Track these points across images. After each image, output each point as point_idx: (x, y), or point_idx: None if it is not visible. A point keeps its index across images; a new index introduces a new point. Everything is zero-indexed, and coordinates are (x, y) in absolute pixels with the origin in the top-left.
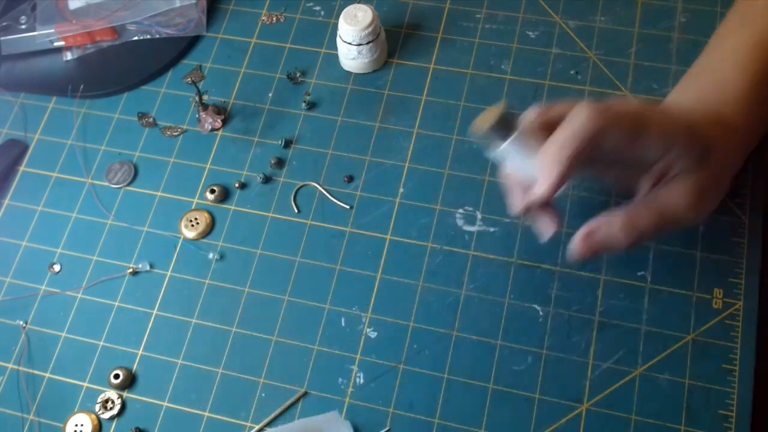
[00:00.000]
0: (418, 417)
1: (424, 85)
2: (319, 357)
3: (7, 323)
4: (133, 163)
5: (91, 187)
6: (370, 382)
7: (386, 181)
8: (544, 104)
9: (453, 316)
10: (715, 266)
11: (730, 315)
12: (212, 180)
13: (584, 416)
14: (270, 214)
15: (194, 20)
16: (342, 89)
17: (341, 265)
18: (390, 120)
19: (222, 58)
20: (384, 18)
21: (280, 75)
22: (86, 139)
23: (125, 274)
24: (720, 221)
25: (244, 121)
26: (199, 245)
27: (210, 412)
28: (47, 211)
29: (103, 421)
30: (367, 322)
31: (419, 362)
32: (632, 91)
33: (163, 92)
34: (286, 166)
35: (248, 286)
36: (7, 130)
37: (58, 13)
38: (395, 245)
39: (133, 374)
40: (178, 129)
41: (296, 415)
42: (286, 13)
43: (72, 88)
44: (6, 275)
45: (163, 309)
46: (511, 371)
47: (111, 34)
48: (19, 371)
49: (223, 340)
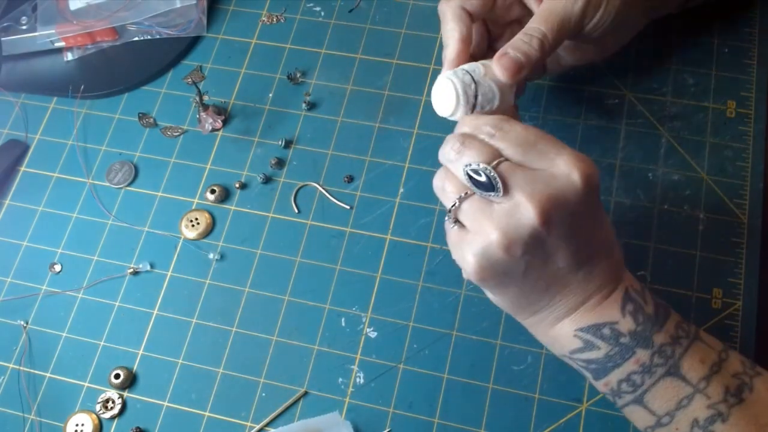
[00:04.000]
0: (418, 417)
1: (424, 85)
2: (319, 357)
3: (8, 323)
4: (134, 164)
5: (92, 188)
6: (370, 382)
7: (386, 181)
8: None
9: (453, 316)
10: (714, 266)
11: (730, 315)
12: (212, 180)
13: (584, 416)
14: (270, 215)
15: (194, 21)
16: (342, 89)
17: (341, 265)
18: (390, 120)
19: (222, 59)
20: (384, 18)
21: (280, 75)
22: (87, 140)
23: (126, 274)
24: (720, 221)
25: (244, 121)
26: (199, 245)
27: (210, 411)
28: (48, 212)
29: (103, 420)
30: (367, 322)
31: (419, 362)
32: (632, 90)
33: (164, 93)
34: (287, 166)
35: (248, 286)
36: (8, 131)
37: (58, 14)
38: (395, 245)
39: (134, 374)
40: (178, 129)
41: (296, 414)
42: (286, 14)
43: (73, 88)
44: (7, 275)
45: (163, 309)
46: (510, 371)
47: (111, 35)
48: (20, 371)
49: (224, 340)
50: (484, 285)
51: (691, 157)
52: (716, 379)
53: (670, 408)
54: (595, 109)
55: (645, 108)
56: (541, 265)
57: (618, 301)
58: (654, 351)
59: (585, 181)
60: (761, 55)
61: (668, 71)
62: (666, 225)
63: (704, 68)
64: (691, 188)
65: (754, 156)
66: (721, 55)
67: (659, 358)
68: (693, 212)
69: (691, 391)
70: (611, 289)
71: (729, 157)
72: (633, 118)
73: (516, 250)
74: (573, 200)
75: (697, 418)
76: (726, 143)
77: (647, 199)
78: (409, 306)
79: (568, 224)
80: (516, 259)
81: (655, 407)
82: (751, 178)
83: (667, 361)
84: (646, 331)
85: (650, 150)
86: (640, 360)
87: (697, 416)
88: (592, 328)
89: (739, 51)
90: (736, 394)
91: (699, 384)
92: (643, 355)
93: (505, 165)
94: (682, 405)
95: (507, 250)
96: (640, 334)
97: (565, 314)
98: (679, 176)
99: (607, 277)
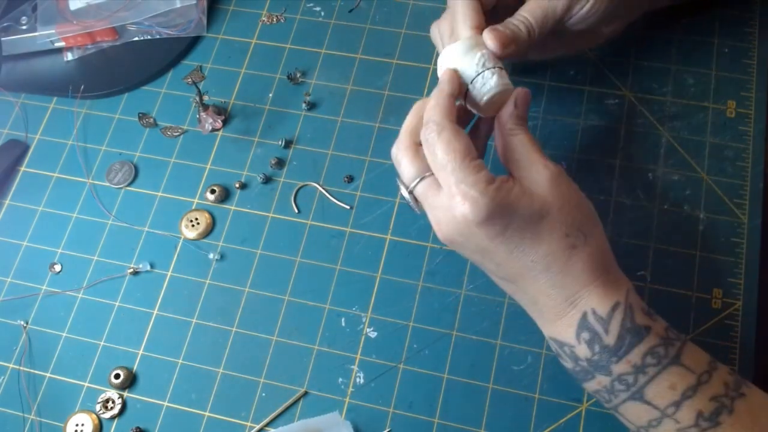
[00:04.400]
0: (418, 417)
1: (424, 85)
2: (319, 357)
3: (8, 323)
4: (134, 164)
5: (92, 188)
6: (370, 382)
7: (386, 181)
8: None
9: (453, 316)
10: (714, 266)
11: (730, 315)
12: (212, 180)
13: (584, 416)
14: (270, 214)
15: (194, 21)
16: (342, 89)
17: (341, 265)
18: (390, 120)
19: (222, 59)
20: (384, 18)
21: (280, 75)
22: (87, 140)
23: (126, 274)
24: (720, 221)
25: (244, 121)
26: (199, 245)
27: (210, 411)
28: (48, 212)
29: (103, 420)
30: (367, 322)
31: (419, 362)
32: (632, 90)
33: (164, 93)
34: (287, 166)
35: (248, 286)
36: (8, 131)
37: (58, 14)
38: (395, 245)
39: (134, 374)
40: (178, 129)
41: (296, 414)
42: (286, 14)
43: (73, 88)
44: (7, 275)
45: (163, 309)
46: (510, 371)
47: (111, 35)
48: (20, 371)
49: (224, 340)
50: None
51: (691, 157)
52: (688, 405)
53: (641, 423)
54: (595, 109)
55: (645, 108)
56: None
57: (573, 327)
58: (613, 378)
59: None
60: (761, 55)
61: (668, 71)
62: (666, 225)
63: (704, 68)
64: (691, 188)
65: (754, 156)
66: (721, 55)
67: (620, 384)
68: (693, 212)
69: (658, 414)
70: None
71: (729, 157)
72: (633, 118)
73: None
74: (465, 230)
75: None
76: (726, 143)
77: (647, 199)
78: (409, 306)
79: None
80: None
81: (629, 419)
82: (751, 178)
83: (628, 388)
84: (602, 361)
85: (650, 150)
86: (601, 383)
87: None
88: (555, 341)
89: (739, 51)
90: (711, 419)
91: (667, 409)
92: (603, 379)
93: (420, 187)
94: (651, 425)
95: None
96: (597, 363)
97: (536, 316)
98: (679, 176)
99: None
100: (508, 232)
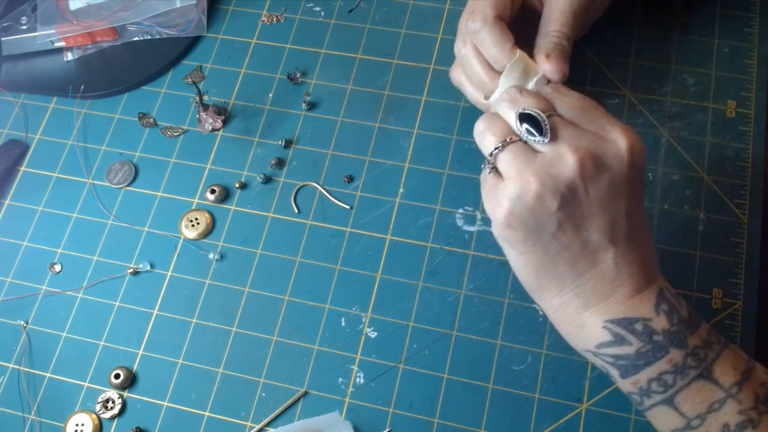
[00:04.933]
0: (418, 417)
1: (424, 85)
2: (319, 357)
3: (8, 323)
4: (134, 164)
5: (92, 188)
6: (370, 382)
7: (386, 181)
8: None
9: (453, 316)
10: (714, 266)
11: (730, 315)
12: (212, 180)
13: (584, 416)
14: (270, 214)
15: (194, 21)
16: (342, 89)
17: (341, 265)
18: (390, 120)
19: (222, 59)
20: (384, 18)
21: (280, 75)
22: (87, 140)
23: (126, 274)
24: (720, 221)
25: (244, 121)
26: (199, 245)
27: (210, 411)
28: (48, 211)
29: (103, 420)
30: (367, 322)
31: (419, 362)
32: (632, 90)
33: (164, 92)
34: (287, 166)
35: (248, 286)
36: (8, 131)
37: (58, 14)
38: (395, 245)
39: (134, 374)
40: (178, 129)
41: (296, 415)
42: (286, 14)
43: (73, 88)
44: (7, 275)
45: (163, 309)
46: (510, 371)
47: (111, 35)
48: (20, 371)
49: (224, 340)
50: (511, 236)
51: (691, 157)
52: (747, 386)
53: (701, 411)
54: None
55: (645, 108)
56: (573, 229)
57: (651, 300)
58: (688, 353)
59: (630, 151)
60: (761, 55)
61: (668, 71)
62: (666, 225)
63: (704, 68)
64: (691, 188)
65: (754, 156)
66: (721, 55)
67: (693, 360)
68: (693, 212)
69: (723, 395)
70: (644, 285)
71: (729, 157)
72: (633, 118)
73: (551, 201)
74: (615, 166)
75: (728, 423)
76: (726, 143)
77: (647, 199)
78: (409, 306)
79: (606, 189)
80: (550, 212)
81: (686, 409)
82: (751, 178)
83: (700, 363)
84: (680, 333)
85: (650, 150)
86: (673, 360)
87: (728, 421)
88: (624, 321)
89: (739, 51)
90: (766, 402)
91: (731, 389)
92: (676, 355)
93: (557, 118)
94: (713, 409)
95: (543, 200)
96: (675, 335)
97: (593, 301)
98: (679, 176)
99: (640, 269)
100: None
